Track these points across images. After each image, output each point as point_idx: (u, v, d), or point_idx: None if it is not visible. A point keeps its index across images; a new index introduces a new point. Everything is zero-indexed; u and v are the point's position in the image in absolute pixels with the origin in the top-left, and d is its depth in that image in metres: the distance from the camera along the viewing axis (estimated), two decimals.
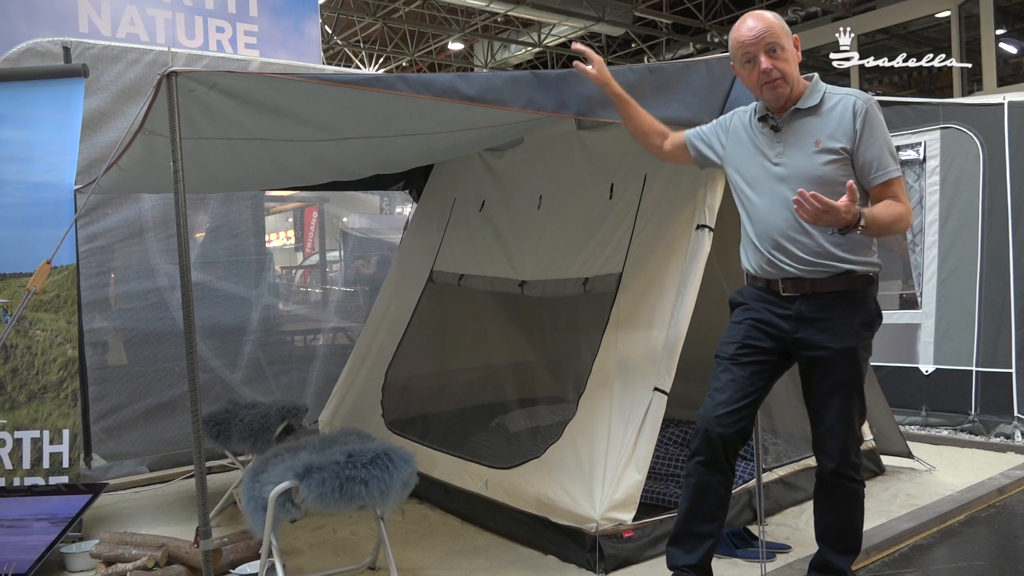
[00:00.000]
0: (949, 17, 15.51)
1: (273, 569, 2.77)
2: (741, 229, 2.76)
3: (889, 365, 5.55)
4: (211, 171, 3.78)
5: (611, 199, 3.79)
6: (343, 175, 4.53)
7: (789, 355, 2.67)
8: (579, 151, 4.07)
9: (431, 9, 17.06)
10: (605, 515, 3.08)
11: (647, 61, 17.44)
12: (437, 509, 3.98)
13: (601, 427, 3.25)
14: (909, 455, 4.46)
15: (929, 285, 5.50)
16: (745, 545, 3.33)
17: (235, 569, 3.17)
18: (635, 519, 3.15)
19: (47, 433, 3.66)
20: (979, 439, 5.09)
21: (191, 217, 5.13)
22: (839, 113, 2.54)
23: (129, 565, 3.12)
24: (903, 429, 4.77)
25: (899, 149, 5.45)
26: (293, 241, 8.73)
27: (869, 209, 2.43)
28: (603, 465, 3.15)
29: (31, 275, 3.65)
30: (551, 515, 3.27)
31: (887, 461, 4.43)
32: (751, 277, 2.73)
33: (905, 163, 5.57)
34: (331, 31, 17.29)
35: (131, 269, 4.93)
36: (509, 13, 16.19)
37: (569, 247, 3.89)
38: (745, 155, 2.72)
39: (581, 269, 3.75)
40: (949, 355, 5.36)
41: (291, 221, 8.71)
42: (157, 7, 6.29)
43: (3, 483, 3.61)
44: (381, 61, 19.70)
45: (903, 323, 5.60)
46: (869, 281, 2.59)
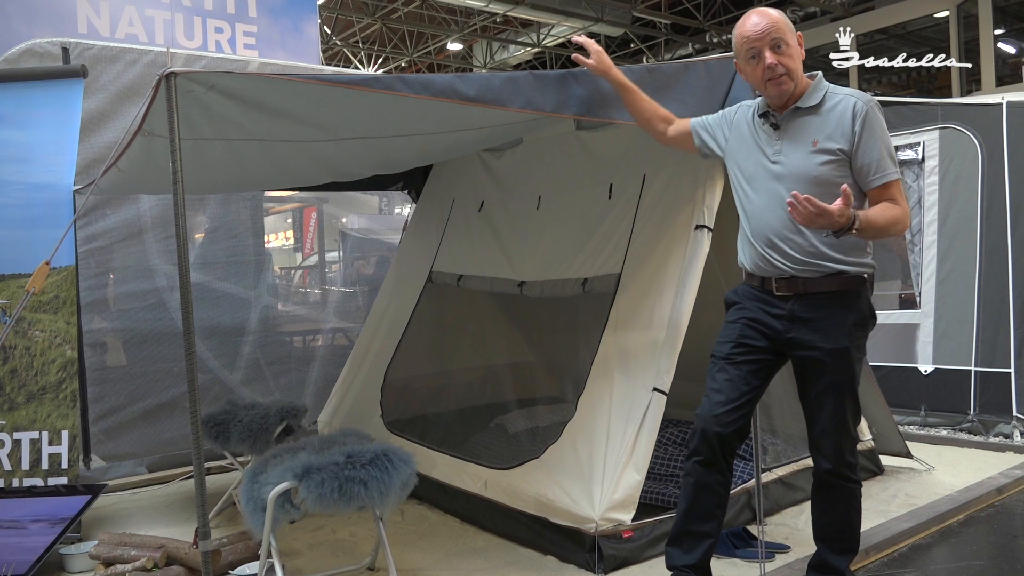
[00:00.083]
0: (947, 17, 15.53)
1: (272, 570, 2.77)
2: (740, 225, 2.77)
3: (888, 365, 5.56)
4: (210, 172, 3.78)
5: (610, 199, 3.79)
6: (342, 175, 4.53)
7: (784, 354, 2.68)
8: (578, 151, 4.07)
9: (430, 9, 17.06)
10: (604, 515, 3.08)
11: (646, 61, 17.45)
12: (436, 510, 3.98)
13: (600, 427, 3.25)
14: (908, 455, 4.46)
15: (928, 285, 5.50)
16: (744, 545, 3.33)
17: (234, 570, 3.17)
18: (634, 519, 3.15)
19: (46, 434, 3.65)
20: (978, 439, 5.09)
21: (190, 218, 5.13)
22: (839, 114, 2.54)
23: (128, 566, 3.12)
24: (902, 429, 4.78)
25: (898, 149, 5.45)
26: (292, 242, 8.73)
27: (864, 212, 2.43)
28: (602, 465, 3.16)
29: (30, 276, 3.65)
30: (550, 515, 3.27)
31: (886, 461, 4.43)
32: (747, 275, 2.74)
33: (904, 163, 5.58)
34: (330, 31, 17.29)
35: (130, 270, 4.93)
36: (508, 13, 16.19)
37: (568, 247, 3.89)
38: (745, 150, 2.72)
39: (580, 269, 3.75)
40: (948, 355, 5.37)
41: (290, 222, 8.72)
42: (156, 7, 6.29)
43: (2, 484, 3.61)
44: (380, 62, 19.70)
45: (902, 323, 5.61)
46: (862, 282, 2.59)
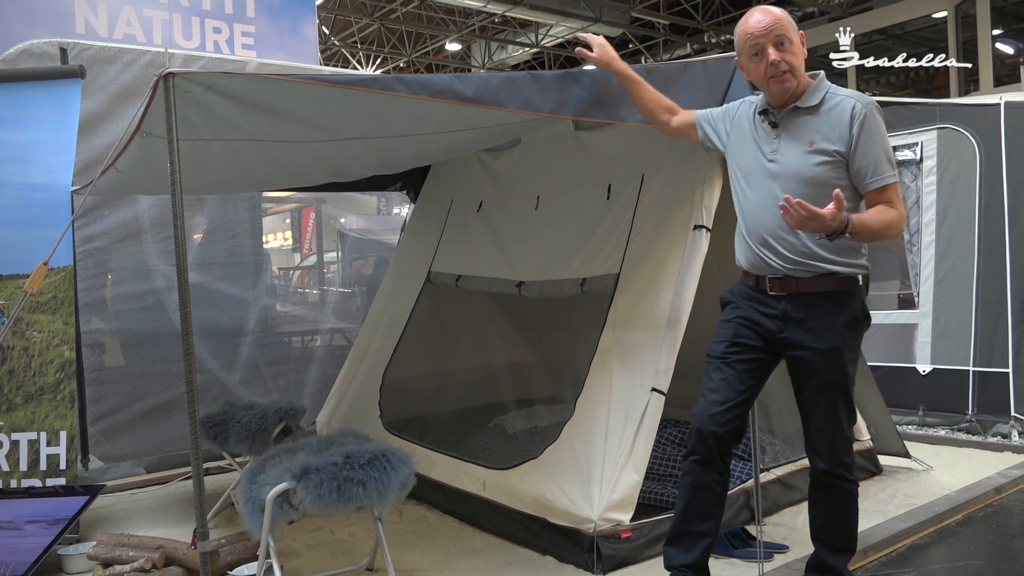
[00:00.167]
0: (946, 17, 15.54)
1: (271, 570, 2.77)
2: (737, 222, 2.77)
3: (886, 365, 5.56)
4: (208, 172, 3.77)
5: (608, 199, 3.79)
6: (341, 176, 4.52)
7: (779, 354, 2.69)
8: (576, 152, 4.07)
9: (428, 10, 17.06)
10: (603, 516, 3.08)
11: (644, 62, 17.46)
12: (435, 510, 3.98)
13: (599, 428, 3.25)
14: (906, 455, 4.46)
15: (926, 285, 5.51)
16: (743, 545, 3.34)
17: (233, 571, 3.17)
18: (633, 519, 3.15)
19: (44, 435, 3.65)
20: (976, 439, 5.10)
21: (188, 218, 5.12)
22: (837, 115, 2.54)
23: (126, 567, 3.12)
24: (900, 429, 4.78)
25: (896, 149, 5.46)
26: (291, 242, 8.73)
27: (859, 215, 2.43)
28: (601, 466, 3.15)
29: (28, 276, 3.64)
30: (549, 516, 3.27)
31: (884, 461, 4.44)
32: (743, 273, 2.75)
33: (902, 163, 5.58)
34: (328, 32, 17.28)
35: (128, 270, 4.92)
36: (506, 14, 16.19)
37: (567, 248, 3.89)
38: (744, 147, 2.73)
39: (579, 270, 3.75)
40: (946, 355, 5.37)
41: (288, 222, 8.72)
42: (154, 8, 6.29)
43: (0, 485, 3.60)
44: (378, 62, 19.69)
45: (900, 323, 5.61)
46: (855, 283, 2.59)
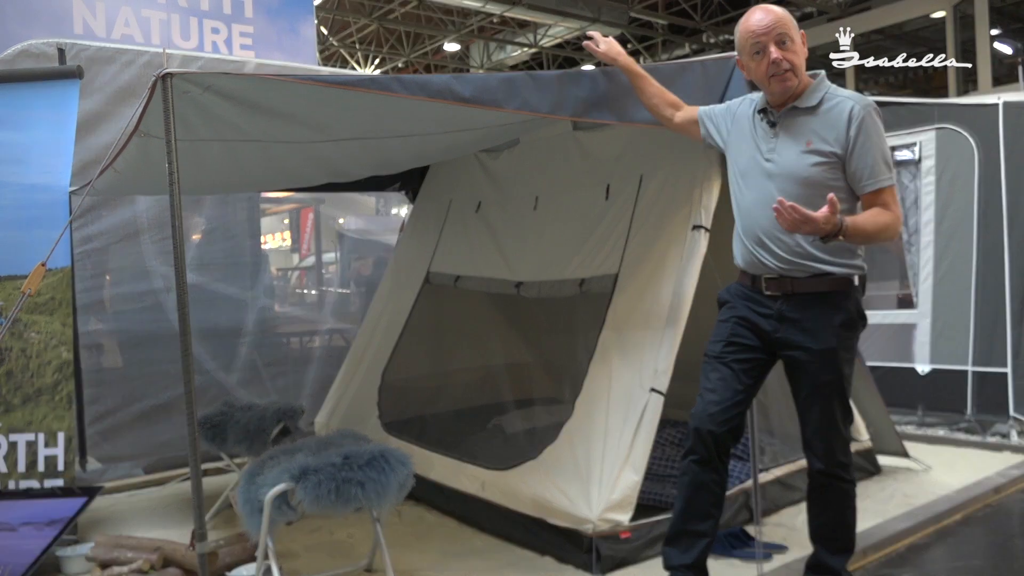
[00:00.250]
0: (944, 17, 15.55)
1: (269, 572, 2.76)
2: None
3: (885, 365, 5.56)
4: (207, 173, 3.77)
5: (607, 200, 3.79)
6: (339, 176, 4.52)
7: (775, 353, 2.68)
8: (575, 152, 4.06)
9: (427, 10, 17.05)
10: (602, 516, 3.07)
11: (643, 62, 17.42)
12: (434, 511, 3.98)
13: (598, 428, 3.25)
14: (905, 455, 4.46)
15: (925, 285, 5.51)
16: (742, 546, 3.33)
17: (231, 572, 3.16)
18: (632, 520, 3.15)
19: (42, 436, 3.64)
20: (975, 439, 5.09)
21: (186, 219, 5.11)
22: (835, 116, 2.54)
23: (125, 568, 3.11)
24: (899, 429, 4.78)
25: (894, 149, 5.46)
26: (289, 243, 8.72)
27: (853, 218, 2.43)
28: (600, 466, 3.15)
29: (26, 277, 3.64)
30: (548, 516, 3.27)
31: (883, 461, 4.43)
32: (740, 272, 2.75)
33: (900, 163, 5.58)
34: (326, 32, 17.28)
35: (126, 271, 4.92)
36: (505, 14, 16.18)
37: (565, 248, 3.89)
38: (743, 145, 2.73)
39: (577, 270, 3.75)
40: (945, 355, 5.37)
41: (287, 223, 8.71)
42: (152, 8, 6.28)
43: None
44: (377, 62, 19.68)
45: (899, 323, 5.61)
46: (850, 283, 2.59)
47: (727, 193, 2.85)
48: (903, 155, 5.60)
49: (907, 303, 5.67)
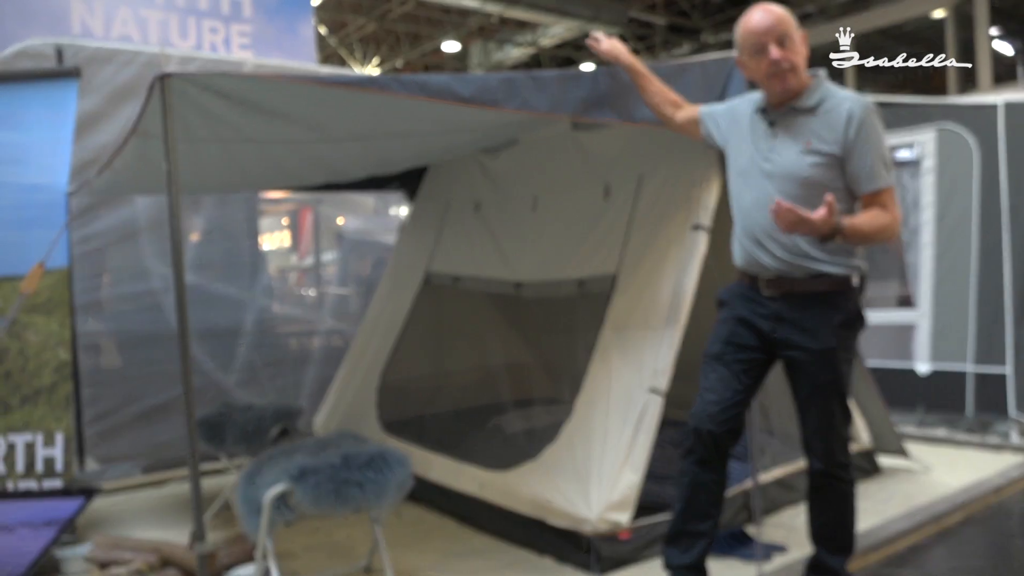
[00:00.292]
0: (944, 17, 15.55)
1: (268, 572, 2.76)
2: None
3: (885, 365, 5.56)
4: (205, 173, 3.77)
5: (606, 199, 3.78)
6: (338, 176, 4.51)
7: (774, 353, 2.68)
8: (574, 152, 4.06)
9: (425, 10, 17.04)
10: (601, 516, 3.07)
11: (642, 62, 17.40)
12: (433, 511, 3.97)
13: (597, 428, 3.24)
14: (905, 455, 4.46)
15: (925, 285, 5.51)
16: (742, 546, 3.33)
17: (230, 572, 3.16)
18: (632, 520, 3.14)
19: (40, 437, 3.63)
20: (975, 439, 5.09)
21: (185, 219, 5.10)
22: (834, 117, 2.53)
23: (123, 569, 3.10)
24: (899, 429, 4.78)
25: (894, 149, 5.46)
26: (288, 243, 8.71)
27: (851, 219, 2.43)
28: (599, 466, 3.15)
29: (24, 278, 3.63)
30: (547, 517, 3.26)
31: (883, 461, 4.43)
32: (739, 272, 2.74)
33: (900, 163, 5.58)
34: (325, 32, 17.27)
35: (125, 271, 4.91)
36: (504, 14, 16.18)
37: (564, 248, 3.88)
38: (742, 145, 2.72)
39: (576, 270, 3.74)
40: (945, 355, 5.37)
41: (286, 223, 8.69)
42: (150, 8, 6.27)
43: None
44: (376, 62, 19.67)
45: (899, 323, 5.61)
46: (848, 283, 2.59)
47: (727, 193, 2.84)
48: (903, 155, 5.60)
49: (907, 303, 5.67)
